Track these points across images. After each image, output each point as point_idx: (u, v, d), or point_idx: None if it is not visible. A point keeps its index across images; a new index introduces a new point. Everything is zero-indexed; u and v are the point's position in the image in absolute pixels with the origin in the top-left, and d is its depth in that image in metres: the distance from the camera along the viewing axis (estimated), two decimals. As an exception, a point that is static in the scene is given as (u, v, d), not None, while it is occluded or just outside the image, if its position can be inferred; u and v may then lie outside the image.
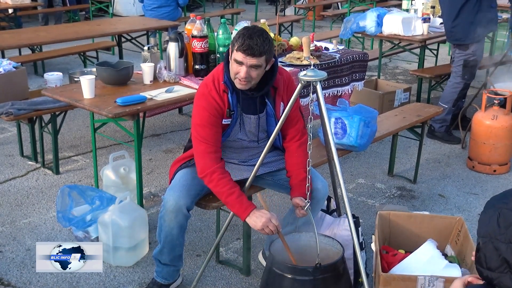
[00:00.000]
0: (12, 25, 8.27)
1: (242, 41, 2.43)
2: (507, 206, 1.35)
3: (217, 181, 2.53)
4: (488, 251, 1.36)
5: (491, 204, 1.40)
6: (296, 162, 2.67)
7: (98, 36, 6.30)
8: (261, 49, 2.43)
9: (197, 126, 2.60)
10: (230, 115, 2.61)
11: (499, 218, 1.34)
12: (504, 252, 1.32)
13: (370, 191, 4.10)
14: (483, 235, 1.38)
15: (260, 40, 2.43)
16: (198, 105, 2.61)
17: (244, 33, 2.45)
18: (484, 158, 4.43)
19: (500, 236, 1.33)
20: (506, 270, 1.33)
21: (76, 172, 4.30)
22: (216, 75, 2.62)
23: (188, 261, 3.18)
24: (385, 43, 6.16)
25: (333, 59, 4.20)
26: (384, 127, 3.87)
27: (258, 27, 2.54)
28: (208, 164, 2.55)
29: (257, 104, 2.65)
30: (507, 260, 1.32)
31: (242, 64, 2.46)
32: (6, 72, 4.12)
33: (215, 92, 2.58)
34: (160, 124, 5.36)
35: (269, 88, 2.62)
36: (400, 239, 2.97)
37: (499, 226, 1.34)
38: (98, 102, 3.27)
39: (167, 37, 3.81)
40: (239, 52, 2.45)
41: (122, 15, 10.46)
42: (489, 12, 4.69)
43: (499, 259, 1.33)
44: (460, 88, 4.94)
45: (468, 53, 4.80)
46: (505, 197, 1.38)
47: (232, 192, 2.52)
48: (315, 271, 2.28)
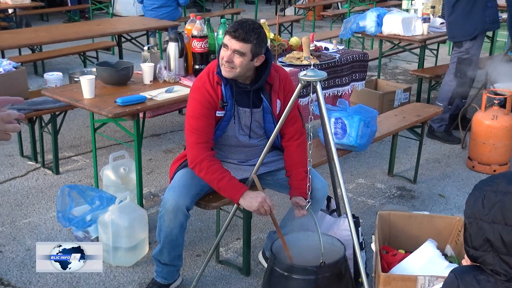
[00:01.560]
0: (13, 24, 8.27)
1: (232, 25, 2.50)
2: (492, 188, 1.41)
3: (207, 168, 2.54)
4: (473, 231, 1.43)
5: (477, 187, 1.47)
6: (295, 161, 2.68)
7: (98, 36, 6.29)
8: (246, 36, 2.47)
9: (189, 118, 2.62)
10: (223, 106, 2.62)
11: (484, 200, 1.41)
12: (487, 232, 1.39)
13: (370, 191, 4.10)
14: (469, 216, 1.45)
15: (249, 28, 2.48)
16: (192, 97, 2.64)
17: (239, 20, 2.53)
18: (484, 158, 4.43)
19: (484, 216, 1.40)
20: (489, 249, 1.40)
21: (76, 172, 4.30)
22: (212, 68, 2.64)
23: (188, 261, 3.18)
24: (385, 43, 6.16)
25: (333, 59, 4.20)
26: (384, 127, 3.87)
27: (258, 22, 2.57)
28: (197, 154, 2.56)
29: (251, 98, 2.65)
30: (490, 239, 1.39)
31: (227, 47, 2.50)
32: (6, 72, 4.12)
33: (209, 84, 2.60)
34: (160, 124, 5.36)
35: (264, 83, 2.63)
36: (400, 239, 2.97)
37: (483, 207, 1.40)
38: (98, 102, 3.27)
39: (167, 37, 3.81)
40: (226, 35, 2.51)
41: (122, 15, 10.46)
42: (485, 10, 4.69)
43: (482, 238, 1.40)
44: (454, 86, 4.92)
45: (462, 51, 4.81)
46: (491, 180, 1.44)
47: (222, 176, 2.53)
48: (315, 270, 2.28)
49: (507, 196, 1.38)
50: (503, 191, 1.39)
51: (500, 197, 1.39)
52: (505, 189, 1.39)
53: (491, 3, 4.75)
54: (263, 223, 3.59)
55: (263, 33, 2.53)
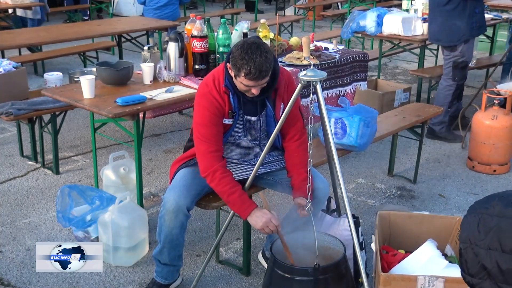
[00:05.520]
0: (12, 25, 8.26)
1: (248, 69, 2.38)
2: (488, 211, 1.33)
3: (219, 180, 2.54)
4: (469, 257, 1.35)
5: (473, 209, 1.38)
6: (296, 162, 2.67)
7: (98, 36, 6.30)
8: (268, 67, 2.42)
9: (198, 126, 2.60)
10: (232, 116, 2.61)
11: (479, 224, 1.33)
12: (484, 259, 1.31)
13: (370, 191, 4.10)
14: (464, 241, 1.36)
15: (263, 58, 2.38)
16: (199, 104, 2.61)
17: (245, 57, 2.38)
18: (484, 158, 4.43)
19: (480, 242, 1.31)
20: (485, 277, 1.31)
21: (76, 172, 4.30)
22: (217, 76, 2.61)
23: (188, 261, 3.18)
24: (385, 43, 6.16)
25: (333, 59, 4.20)
26: (384, 127, 3.87)
27: (252, 39, 2.49)
28: (210, 163, 2.55)
29: (258, 106, 2.65)
30: (486, 267, 1.30)
31: (252, 86, 2.46)
32: (6, 72, 4.12)
33: (216, 91, 2.57)
34: (160, 124, 5.36)
35: (271, 92, 2.62)
36: (400, 239, 2.97)
37: (479, 232, 1.32)
38: (98, 102, 3.27)
39: (167, 37, 3.81)
40: (249, 80, 2.43)
41: (122, 15, 10.46)
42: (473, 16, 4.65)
43: (478, 265, 1.32)
44: (453, 90, 4.92)
45: (456, 55, 4.78)
46: (486, 202, 1.36)
47: (233, 191, 2.53)
48: (315, 271, 2.28)
49: (503, 221, 1.29)
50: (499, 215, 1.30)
51: (496, 221, 1.30)
52: (501, 213, 1.30)
53: (478, 9, 4.73)
54: (263, 223, 3.59)
55: (269, 49, 2.48)
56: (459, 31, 4.65)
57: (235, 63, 2.42)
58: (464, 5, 4.59)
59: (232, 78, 2.52)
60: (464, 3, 4.59)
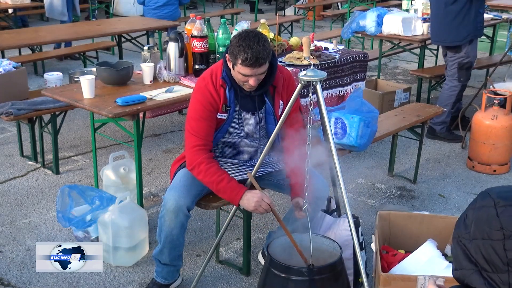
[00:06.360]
0: (13, 25, 8.27)
1: (245, 55, 2.40)
2: (473, 205, 1.40)
3: (205, 171, 2.55)
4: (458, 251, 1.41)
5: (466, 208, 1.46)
6: (295, 162, 2.67)
7: (98, 36, 6.30)
8: (265, 55, 2.43)
9: (190, 120, 2.62)
10: (226, 110, 2.62)
11: (466, 219, 1.40)
12: (469, 249, 1.37)
13: (370, 191, 4.10)
14: (454, 237, 1.43)
15: (260, 46, 2.41)
16: (194, 98, 2.64)
17: (243, 44, 2.41)
18: (484, 158, 4.43)
19: (466, 234, 1.38)
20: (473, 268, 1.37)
21: (76, 172, 4.30)
22: (215, 70, 2.63)
23: (188, 261, 3.18)
24: (385, 43, 6.16)
25: (333, 59, 4.20)
26: (384, 127, 3.87)
27: (250, 30, 2.52)
28: (195, 157, 2.57)
29: (256, 102, 2.65)
30: (472, 257, 1.36)
31: (250, 75, 2.47)
32: (6, 72, 4.12)
33: (212, 85, 2.59)
34: (160, 124, 5.36)
35: (268, 87, 2.62)
36: (400, 239, 2.97)
37: (465, 226, 1.39)
38: (98, 102, 3.27)
39: (167, 37, 3.81)
40: (245, 67, 2.43)
41: (122, 15, 10.46)
42: (477, 16, 4.66)
43: (466, 258, 1.38)
44: (458, 91, 4.93)
45: (461, 55, 4.78)
46: (474, 199, 1.43)
47: (221, 179, 2.53)
48: (310, 272, 2.27)
49: (480, 211, 1.36)
50: (478, 207, 1.38)
51: (476, 213, 1.37)
52: (479, 204, 1.38)
53: (482, 9, 4.74)
54: (263, 223, 3.59)
55: (265, 36, 2.50)
56: (465, 31, 4.65)
57: (232, 50, 2.45)
58: (470, 4, 4.60)
59: (230, 70, 2.54)
60: (470, 3, 4.59)
